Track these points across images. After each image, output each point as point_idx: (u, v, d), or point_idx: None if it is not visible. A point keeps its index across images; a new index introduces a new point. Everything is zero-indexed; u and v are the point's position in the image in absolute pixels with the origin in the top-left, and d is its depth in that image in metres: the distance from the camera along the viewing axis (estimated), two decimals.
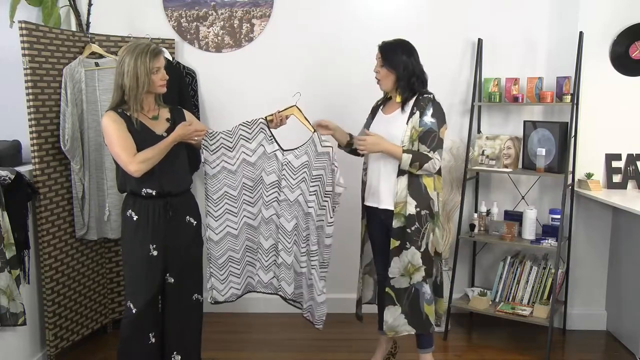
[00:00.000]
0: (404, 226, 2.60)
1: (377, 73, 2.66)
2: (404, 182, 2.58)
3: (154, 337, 2.55)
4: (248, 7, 3.58)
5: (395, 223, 2.61)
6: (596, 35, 3.30)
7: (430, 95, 2.61)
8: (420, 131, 2.55)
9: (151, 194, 2.43)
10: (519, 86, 3.40)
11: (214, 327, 3.55)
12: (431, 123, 2.55)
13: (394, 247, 2.62)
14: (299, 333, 3.47)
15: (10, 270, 2.54)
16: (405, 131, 2.57)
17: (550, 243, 3.21)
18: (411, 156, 2.52)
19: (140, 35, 3.41)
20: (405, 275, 2.64)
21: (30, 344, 2.90)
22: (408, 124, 2.57)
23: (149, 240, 2.44)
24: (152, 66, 2.37)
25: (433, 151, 2.54)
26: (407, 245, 2.61)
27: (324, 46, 3.58)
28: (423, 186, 2.61)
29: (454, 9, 3.52)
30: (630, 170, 3.37)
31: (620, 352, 3.25)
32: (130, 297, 2.49)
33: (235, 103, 3.64)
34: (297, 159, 2.64)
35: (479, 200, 3.59)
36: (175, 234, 2.51)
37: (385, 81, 2.64)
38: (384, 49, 2.65)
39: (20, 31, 2.79)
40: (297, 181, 2.64)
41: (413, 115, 2.58)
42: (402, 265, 2.63)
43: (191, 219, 2.60)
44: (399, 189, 2.59)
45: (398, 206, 2.60)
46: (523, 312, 3.26)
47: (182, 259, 2.55)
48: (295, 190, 2.65)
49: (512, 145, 3.39)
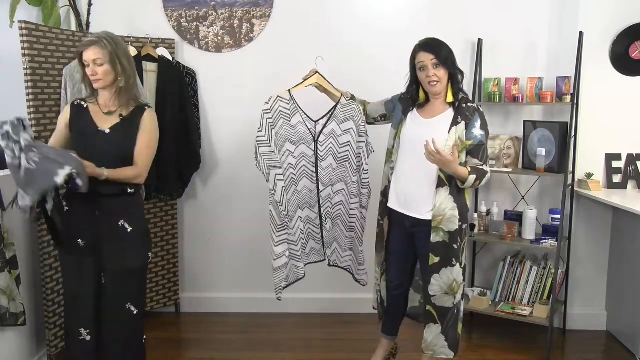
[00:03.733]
0: (448, 242, 2.47)
1: (434, 76, 2.44)
2: (444, 194, 2.45)
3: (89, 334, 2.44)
4: (248, 7, 3.58)
5: (434, 237, 2.48)
6: (596, 35, 3.30)
7: (475, 105, 2.50)
8: (469, 145, 2.44)
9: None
10: (519, 86, 3.40)
11: (214, 327, 3.56)
12: (481, 136, 2.44)
13: (433, 263, 2.50)
14: (300, 333, 3.47)
15: (10, 270, 2.53)
16: (447, 140, 2.42)
17: (550, 243, 3.20)
18: (475, 176, 2.41)
19: (140, 35, 3.41)
20: (450, 294, 2.52)
21: (30, 344, 2.89)
22: (450, 132, 2.43)
23: (77, 234, 2.37)
24: (80, 57, 2.33)
25: (485, 164, 2.46)
26: (452, 263, 2.49)
27: (324, 46, 3.57)
28: (464, 199, 2.52)
29: (454, 9, 3.52)
30: (630, 170, 3.37)
31: (620, 352, 3.25)
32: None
33: (235, 103, 3.64)
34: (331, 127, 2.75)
35: (479, 200, 3.59)
36: (104, 236, 2.38)
37: (443, 83, 2.46)
38: (436, 48, 2.45)
39: (20, 31, 2.79)
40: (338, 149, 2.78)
41: (458, 124, 2.44)
42: (446, 282, 2.51)
43: (126, 224, 2.39)
44: (439, 200, 2.46)
45: (437, 219, 2.47)
46: (523, 312, 3.26)
47: (114, 265, 2.39)
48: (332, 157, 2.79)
49: (512, 145, 3.39)
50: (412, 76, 2.58)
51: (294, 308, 3.74)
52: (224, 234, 3.75)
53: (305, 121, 2.74)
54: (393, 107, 2.70)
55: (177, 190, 3.60)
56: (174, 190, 3.56)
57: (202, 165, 3.64)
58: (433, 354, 2.61)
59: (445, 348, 2.58)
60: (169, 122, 3.38)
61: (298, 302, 3.71)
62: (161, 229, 3.61)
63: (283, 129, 2.70)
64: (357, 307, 3.60)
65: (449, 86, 2.49)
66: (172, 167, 3.44)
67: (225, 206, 3.73)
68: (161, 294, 3.65)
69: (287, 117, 2.70)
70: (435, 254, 2.50)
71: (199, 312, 3.75)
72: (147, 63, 3.36)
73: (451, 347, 2.59)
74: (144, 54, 3.36)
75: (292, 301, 3.70)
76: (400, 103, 2.66)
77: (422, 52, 2.48)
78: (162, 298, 3.66)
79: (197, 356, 3.20)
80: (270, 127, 2.68)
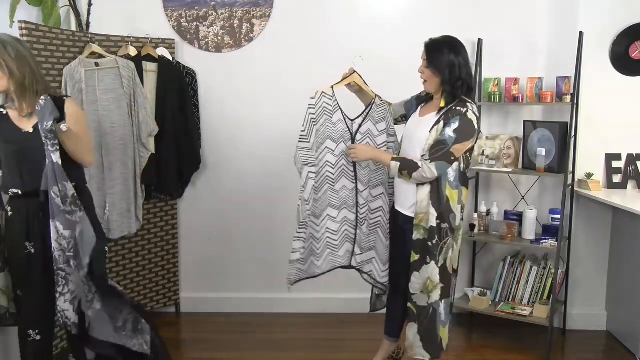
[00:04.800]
0: (425, 239, 2.49)
1: (422, 74, 2.51)
2: (425, 191, 2.48)
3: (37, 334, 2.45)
4: (248, 7, 3.58)
5: (415, 235, 2.51)
6: (596, 35, 3.30)
7: (463, 110, 2.40)
8: (435, 140, 2.42)
9: (17, 193, 2.35)
10: (519, 86, 3.40)
11: (213, 327, 3.56)
12: (448, 136, 2.39)
13: (414, 260, 2.53)
14: (300, 333, 3.47)
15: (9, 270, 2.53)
16: (427, 139, 2.45)
17: (550, 243, 3.21)
18: (399, 164, 2.45)
19: (140, 35, 3.41)
20: (424, 293, 2.53)
21: None
22: (432, 131, 2.45)
23: (24, 238, 2.37)
24: None
25: (431, 161, 2.40)
26: (427, 260, 2.50)
27: (324, 46, 3.58)
28: (445, 198, 2.47)
29: (454, 9, 3.52)
30: (630, 170, 3.37)
31: (620, 352, 3.25)
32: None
33: (235, 103, 3.64)
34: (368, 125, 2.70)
35: (479, 200, 3.59)
36: (46, 236, 2.34)
37: (430, 83, 2.50)
38: (429, 48, 2.47)
39: (20, 31, 2.79)
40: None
41: (438, 124, 2.44)
42: (422, 281, 2.52)
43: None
44: (420, 199, 2.48)
45: (418, 217, 2.49)
46: (523, 312, 3.26)
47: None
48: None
49: (512, 145, 3.39)
50: None
51: (294, 308, 3.74)
52: (223, 234, 3.75)
53: (345, 119, 2.68)
54: (411, 106, 2.72)
55: (177, 190, 3.61)
56: (174, 190, 3.56)
57: (202, 165, 3.64)
58: (412, 354, 2.62)
59: (420, 349, 2.57)
60: (169, 122, 3.39)
61: (298, 302, 3.71)
62: (161, 229, 3.61)
63: (325, 126, 2.62)
64: (357, 307, 3.59)
65: (442, 90, 2.48)
66: (172, 167, 3.45)
67: (225, 206, 3.73)
68: (161, 294, 3.66)
69: (330, 113, 2.63)
70: (415, 251, 2.53)
71: (199, 312, 3.75)
72: (147, 63, 3.36)
73: (427, 349, 2.56)
74: (144, 54, 3.36)
75: (292, 301, 3.71)
76: (417, 101, 2.70)
77: (424, 48, 2.52)
78: (162, 298, 3.66)
79: (197, 356, 3.20)
80: (312, 123, 2.60)
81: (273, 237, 3.71)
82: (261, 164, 3.68)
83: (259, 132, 3.66)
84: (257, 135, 3.66)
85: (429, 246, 2.49)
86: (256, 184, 3.70)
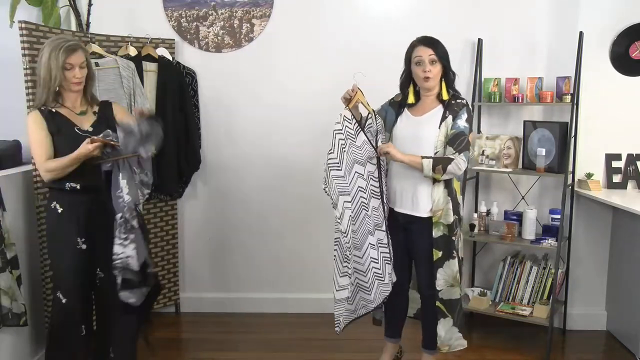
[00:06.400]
0: (447, 234, 2.54)
1: (430, 72, 2.49)
2: (440, 188, 2.52)
3: (85, 329, 2.51)
4: (248, 7, 3.58)
5: (435, 232, 2.54)
6: (596, 35, 3.30)
7: (464, 101, 2.54)
8: (451, 134, 2.47)
9: (75, 187, 2.39)
10: (519, 86, 3.40)
11: (213, 327, 3.56)
12: (463, 127, 2.47)
13: (437, 258, 2.55)
14: (299, 333, 3.47)
15: (11, 271, 2.53)
16: (438, 136, 2.50)
17: (550, 243, 3.21)
18: (431, 160, 2.44)
19: (140, 35, 3.41)
20: (455, 286, 2.58)
21: (31, 344, 2.89)
22: (440, 128, 2.50)
23: (75, 233, 2.41)
24: (64, 62, 2.31)
25: (459, 153, 2.44)
26: (452, 255, 2.55)
27: (324, 46, 3.58)
28: (454, 191, 2.56)
29: (454, 9, 3.52)
30: (630, 170, 3.37)
31: (620, 352, 3.25)
32: (59, 289, 2.49)
33: (235, 103, 3.64)
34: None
35: (479, 200, 3.59)
36: (103, 229, 2.41)
37: (435, 78, 2.52)
38: (435, 44, 2.51)
39: (20, 31, 2.79)
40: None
41: (446, 119, 2.50)
42: (450, 275, 2.56)
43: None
44: (436, 197, 2.52)
45: (437, 214, 2.53)
46: (523, 312, 3.26)
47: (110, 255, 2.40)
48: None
49: (512, 145, 3.39)
50: (407, 70, 2.63)
51: (294, 308, 3.74)
52: (224, 234, 3.75)
53: (369, 140, 2.57)
54: (385, 113, 2.73)
55: (177, 190, 3.61)
56: (174, 190, 3.56)
57: (202, 165, 3.64)
58: (449, 349, 2.65)
59: (460, 339, 2.65)
60: (169, 122, 3.38)
61: (298, 302, 3.71)
62: (161, 229, 3.61)
63: (350, 150, 2.50)
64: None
65: (442, 84, 2.56)
66: (172, 167, 3.45)
67: (225, 206, 3.73)
68: (161, 294, 3.65)
69: (353, 137, 2.51)
70: (438, 248, 2.56)
71: (199, 312, 3.75)
72: (147, 63, 3.36)
73: (464, 336, 2.67)
74: (144, 54, 3.36)
75: (292, 301, 3.71)
76: (391, 107, 2.72)
77: (421, 46, 2.54)
78: (162, 298, 3.66)
79: (197, 356, 3.20)
80: (342, 149, 2.47)
81: (273, 237, 3.71)
82: (261, 164, 3.68)
83: (259, 132, 3.66)
84: (257, 136, 3.66)
85: (452, 241, 2.55)
86: (256, 184, 3.70)
